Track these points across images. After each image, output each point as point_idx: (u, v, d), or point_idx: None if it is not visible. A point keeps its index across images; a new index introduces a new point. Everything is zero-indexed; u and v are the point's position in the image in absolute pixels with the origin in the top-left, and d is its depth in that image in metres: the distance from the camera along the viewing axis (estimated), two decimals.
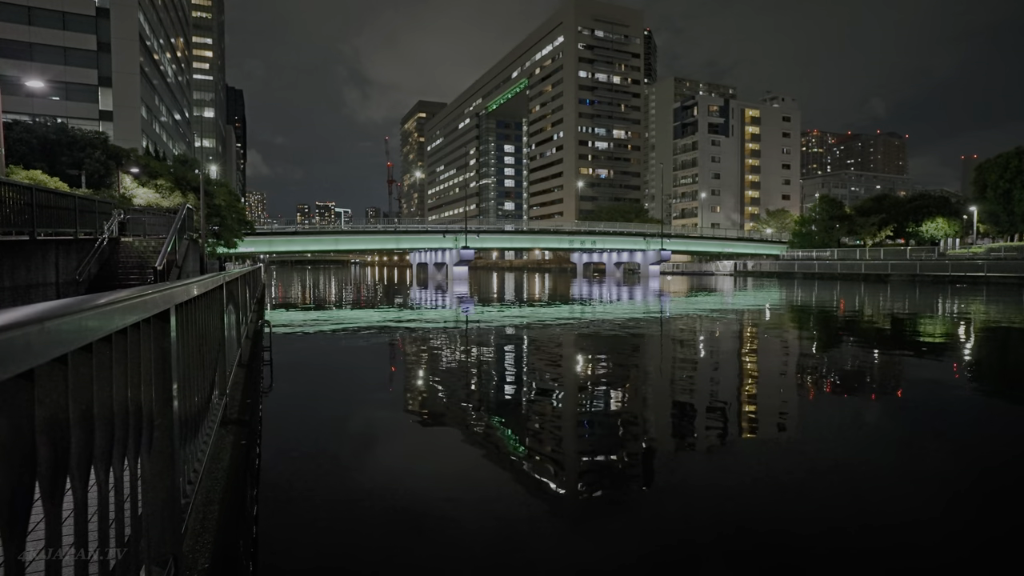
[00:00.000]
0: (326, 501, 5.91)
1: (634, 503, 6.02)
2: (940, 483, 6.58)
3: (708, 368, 14.11)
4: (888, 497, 6.12)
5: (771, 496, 6.09)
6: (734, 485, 6.34)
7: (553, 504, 5.96)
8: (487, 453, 7.59)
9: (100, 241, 14.50)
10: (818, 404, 10.54)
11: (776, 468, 6.96)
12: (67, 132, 31.79)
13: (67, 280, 12.35)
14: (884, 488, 6.38)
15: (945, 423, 9.53)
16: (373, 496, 6.01)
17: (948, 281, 49.38)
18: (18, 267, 10.11)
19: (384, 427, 9.21)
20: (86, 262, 13.42)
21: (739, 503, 5.83)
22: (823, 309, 31.03)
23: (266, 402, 9.82)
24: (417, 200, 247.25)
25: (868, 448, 8.18)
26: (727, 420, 9.29)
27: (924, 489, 6.38)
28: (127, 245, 16.27)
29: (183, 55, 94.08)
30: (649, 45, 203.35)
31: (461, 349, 17.11)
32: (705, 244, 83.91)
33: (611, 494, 6.29)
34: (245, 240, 45.20)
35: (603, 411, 9.87)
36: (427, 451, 7.88)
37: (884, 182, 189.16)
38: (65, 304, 1.10)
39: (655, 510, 5.75)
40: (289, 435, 8.20)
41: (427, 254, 77.73)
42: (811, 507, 5.83)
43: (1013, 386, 12.72)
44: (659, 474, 6.92)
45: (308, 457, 7.22)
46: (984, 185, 67.75)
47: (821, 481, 6.54)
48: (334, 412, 9.96)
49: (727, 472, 6.84)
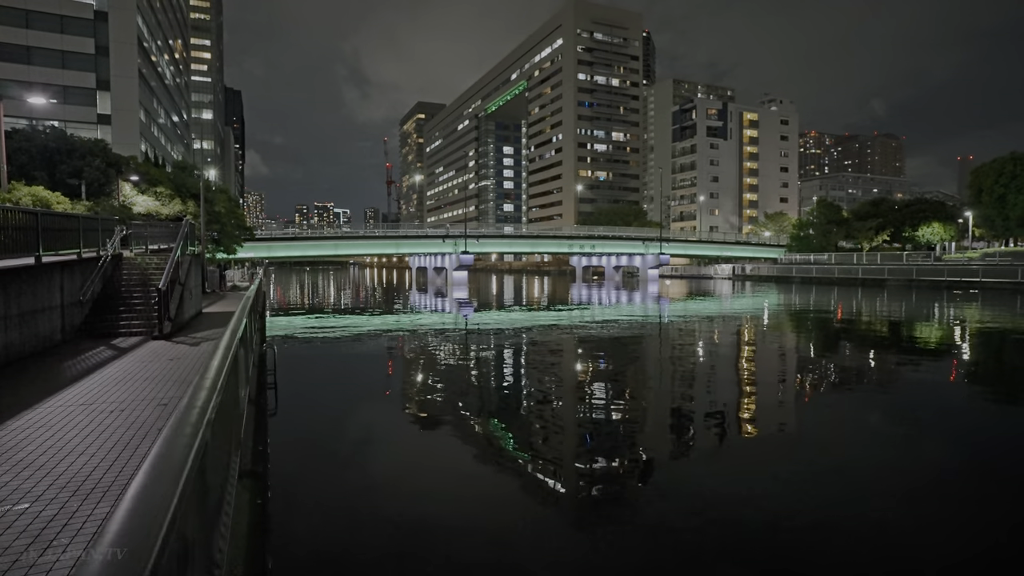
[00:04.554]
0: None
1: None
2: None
3: (715, 376, 14.23)
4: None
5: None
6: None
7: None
8: (531, 510, 7.57)
9: (103, 259, 14.55)
10: (820, 402, 10.68)
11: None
12: (67, 140, 31.77)
13: (71, 302, 12.41)
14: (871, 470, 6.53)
15: (935, 417, 9.70)
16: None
17: (945, 287, 49.61)
18: (24, 293, 10.18)
19: (387, 444, 9.30)
20: (90, 282, 13.48)
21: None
22: (821, 315, 31.19)
23: (275, 432, 9.91)
24: (416, 201, 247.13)
25: (865, 446, 8.36)
26: (728, 420, 9.47)
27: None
28: (129, 261, 16.32)
29: (181, 57, 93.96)
30: (648, 47, 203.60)
31: (473, 367, 17.16)
32: (703, 248, 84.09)
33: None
34: (245, 246, 45.18)
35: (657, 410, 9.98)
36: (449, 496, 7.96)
37: (881, 184, 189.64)
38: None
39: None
40: (301, 484, 8.25)
41: (427, 258, 77.77)
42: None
43: (1000, 387, 12.97)
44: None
45: (322, 505, 7.32)
46: (980, 189, 68.02)
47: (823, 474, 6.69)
48: (341, 448, 10.06)
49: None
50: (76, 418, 6.26)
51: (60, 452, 5.14)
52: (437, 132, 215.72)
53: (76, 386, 7.89)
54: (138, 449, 5.19)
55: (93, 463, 4.85)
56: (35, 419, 6.22)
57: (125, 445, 5.33)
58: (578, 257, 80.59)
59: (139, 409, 6.65)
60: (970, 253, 62.26)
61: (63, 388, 7.74)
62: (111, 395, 7.37)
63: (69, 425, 5.98)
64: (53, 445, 5.32)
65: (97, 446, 5.31)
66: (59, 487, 4.33)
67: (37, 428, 5.88)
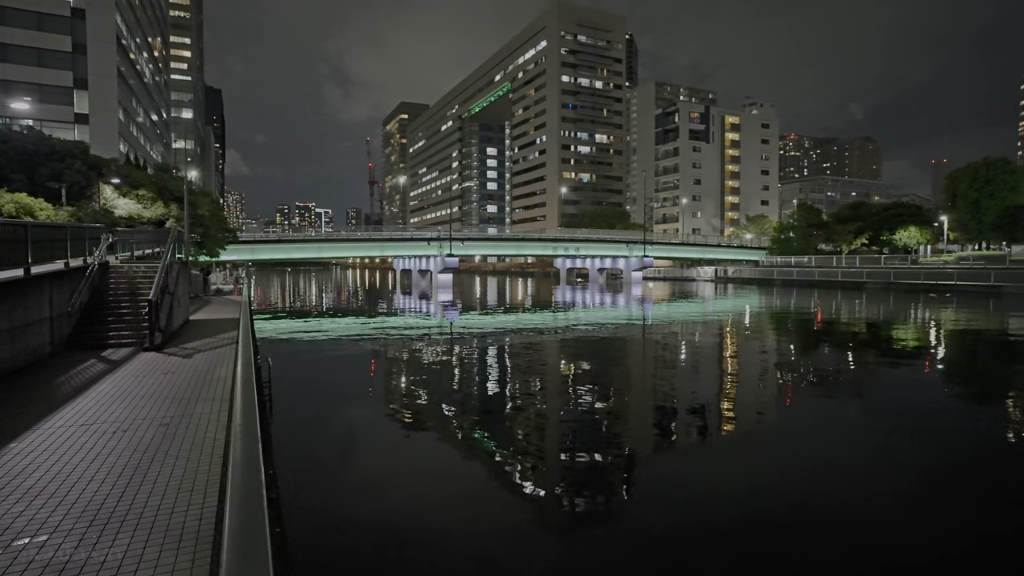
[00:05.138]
0: None
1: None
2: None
3: (699, 372, 14.50)
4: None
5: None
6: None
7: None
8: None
9: (91, 268, 14.36)
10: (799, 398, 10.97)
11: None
12: (46, 142, 31.15)
13: (60, 313, 12.24)
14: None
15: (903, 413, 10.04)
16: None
17: (921, 289, 50.81)
18: (16, 307, 10.02)
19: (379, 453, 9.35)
20: (78, 292, 13.29)
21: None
22: (801, 318, 31.81)
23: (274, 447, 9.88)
24: (399, 201, 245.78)
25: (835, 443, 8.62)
26: (709, 413, 9.67)
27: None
28: (116, 269, 16.10)
29: (161, 55, 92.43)
30: (631, 49, 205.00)
31: (484, 377, 17.21)
32: (687, 251, 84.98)
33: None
34: (228, 248, 44.65)
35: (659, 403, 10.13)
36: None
37: (859, 188, 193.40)
38: None
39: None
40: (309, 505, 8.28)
41: (411, 260, 77.48)
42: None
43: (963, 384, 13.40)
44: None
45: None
46: (954, 194, 69.81)
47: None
48: (338, 460, 10.09)
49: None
50: (78, 440, 6.24)
51: (69, 478, 5.14)
52: (420, 133, 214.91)
53: (73, 404, 7.83)
54: (147, 474, 5.21)
55: (104, 490, 4.87)
56: (37, 442, 6.19)
57: (134, 469, 5.34)
58: (562, 259, 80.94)
59: (141, 429, 6.64)
60: (945, 256, 63.84)
61: (60, 407, 7.68)
62: (110, 414, 7.34)
63: (73, 448, 5.97)
64: (61, 471, 5.32)
65: (105, 471, 5.31)
66: (74, 517, 4.35)
67: (41, 452, 5.85)
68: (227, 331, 15.79)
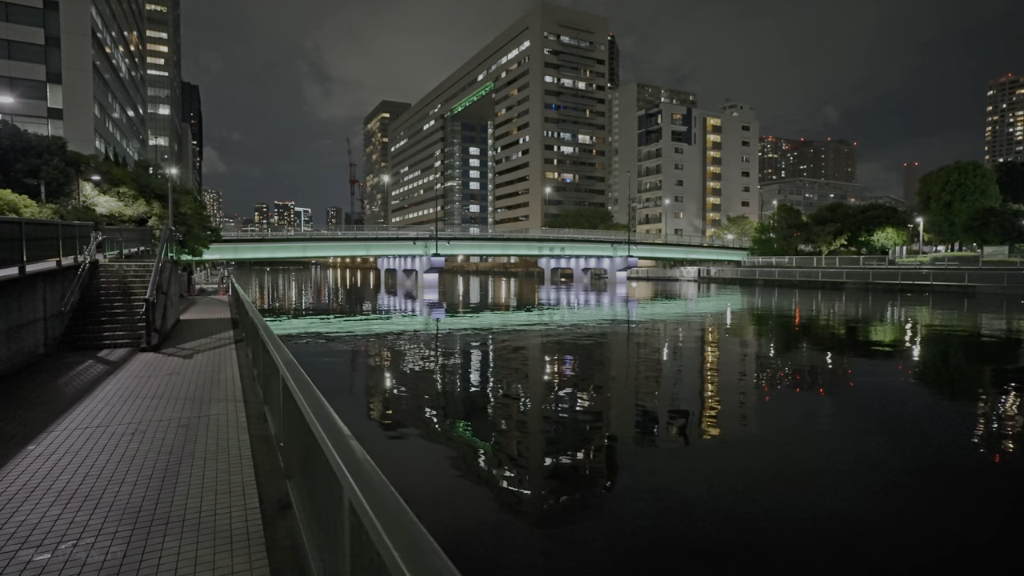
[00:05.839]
0: None
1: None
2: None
3: (681, 369, 14.69)
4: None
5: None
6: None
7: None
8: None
9: (82, 267, 14.02)
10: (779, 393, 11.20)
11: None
12: (21, 137, 30.27)
13: (53, 313, 11.92)
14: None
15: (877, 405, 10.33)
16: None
17: (898, 289, 52.05)
18: (11, 308, 9.74)
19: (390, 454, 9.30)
20: (70, 292, 12.97)
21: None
22: (782, 317, 32.40)
23: None
24: (381, 201, 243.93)
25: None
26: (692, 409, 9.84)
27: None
28: (107, 268, 15.73)
29: (137, 50, 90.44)
30: (613, 50, 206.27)
31: (460, 379, 17.19)
32: (670, 251, 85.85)
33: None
34: (211, 247, 43.87)
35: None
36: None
37: (836, 189, 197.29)
38: None
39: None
40: None
41: (396, 260, 77.01)
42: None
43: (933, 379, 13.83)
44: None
45: None
46: (928, 197, 71.62)
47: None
48: None
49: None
50: (98, 442, 6.11)
51: (99, 480, 5.03)
52: (402, 132, 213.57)
53: (82, 406, 7.65)
54: (179, 476, 5.12)
55: (139, 492, 4.77)
56: (56, 444, 6.04)
57: (164, 471, 5.25)
58: (547, 259, 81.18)
59: (160, 431, 6.53)
60: (921, 257, 65.51)
61: (69, 409, 7.50)
62: (123, 415, 7.19)
63: (95, 450, 5.84)
64: (89, 472, 5.20)
65: (135, 473, 5.21)
66: (115, 519, 4.26)
67: (63, 454, 5.72)
68: (221, 331, 15.55)
